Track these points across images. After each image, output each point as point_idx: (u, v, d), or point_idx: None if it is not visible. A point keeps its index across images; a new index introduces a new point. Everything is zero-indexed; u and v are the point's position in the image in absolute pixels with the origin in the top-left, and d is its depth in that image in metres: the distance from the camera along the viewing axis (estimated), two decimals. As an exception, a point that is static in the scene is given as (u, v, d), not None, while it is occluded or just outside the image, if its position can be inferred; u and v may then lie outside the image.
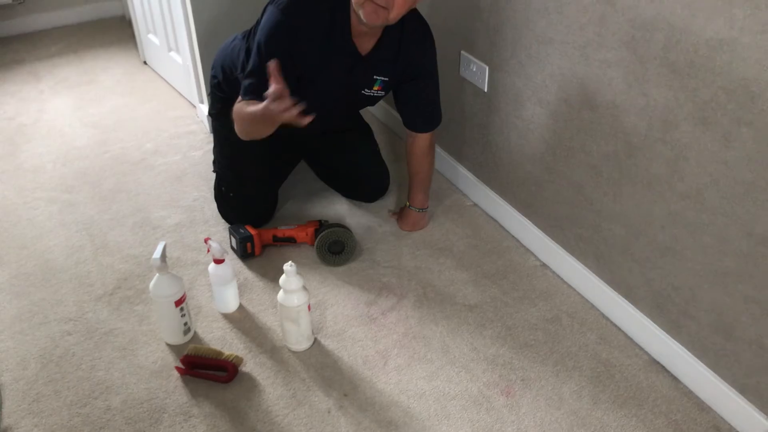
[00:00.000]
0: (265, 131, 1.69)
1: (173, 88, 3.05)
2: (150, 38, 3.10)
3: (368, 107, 2.22)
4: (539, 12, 1.75)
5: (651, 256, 1.64)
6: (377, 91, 1.95)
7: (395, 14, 1.68)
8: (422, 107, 2.01)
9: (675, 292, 1.61)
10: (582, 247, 1.87)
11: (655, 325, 1.69)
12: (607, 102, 1.62)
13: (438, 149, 2.34)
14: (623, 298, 1.77)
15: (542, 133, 1.88)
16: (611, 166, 1.68)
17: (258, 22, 1.88)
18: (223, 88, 2.08)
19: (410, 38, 1.87)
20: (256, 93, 1.68)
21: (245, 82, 1.79)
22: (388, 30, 1.82)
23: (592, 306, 1.87)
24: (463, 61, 2.13)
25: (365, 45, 1.83)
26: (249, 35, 1.95)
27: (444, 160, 2.39)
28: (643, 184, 1.60)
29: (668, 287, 1.62)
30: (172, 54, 2.91)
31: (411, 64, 1.91)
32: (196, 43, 2.54)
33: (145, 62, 3.28)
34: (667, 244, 1.58)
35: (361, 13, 1.69)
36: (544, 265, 2.02)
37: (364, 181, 2.28)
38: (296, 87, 1.81)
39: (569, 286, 1.94)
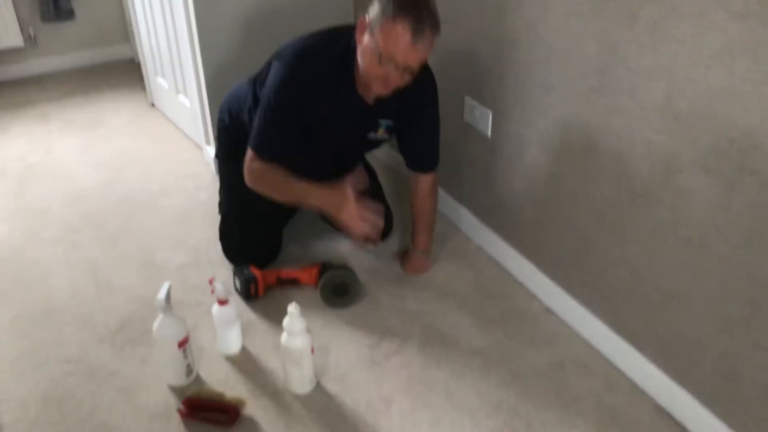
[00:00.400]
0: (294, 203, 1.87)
1: (180, 130, 3.09)
2: (158, 81, 3.15)
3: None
4: (542, 60, 1.78)
5: (656, 302, 1.64)
6: (383, 135, 1.98)
7: (404, 86, 1.76)
8: (425, 148, 2.04)
9: (681, 338, 1.60)
10: (586, 291, 1.87)
11: (660, 371, 1.68)
12: (610, 148, 1.64)
13: (441, 192, 2.35)
14: (628, 344, 1.76)
15: (545, 177, 1.90)
16: (615, 211, 1.69)
17: (264, 71, 1.93)
18: (230, 131, 2.12)
19: (414, 83, 1.90)
20: (273, 150, 1.85)
21: (259, 139, 1.85)
22: None
23: (597, 351, 1.86)
24: (467, 106, 2.16)
25: (370, 95, 1.87)
26: (256, 82, 1.99)
27: (447, 203, 2.41)
28: (646, 229, 1.61)
29: (674, 333, 1.61)
30: (180, 97, 2.95)
31: (414, 107, 1.94)
32: (204, 87, 2.59)
33: (152, 104, 3.33)
34: (672, 290, 1.58)
35: (370, 84, 1.76)
36: (548, 309, 2.01)
37: (368, 222, 2.28)
38: (307, 136, 1.86)
39: (574, 330, 1.93)
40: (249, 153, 1.90)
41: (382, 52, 1.65)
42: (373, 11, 1.68)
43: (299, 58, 1.80)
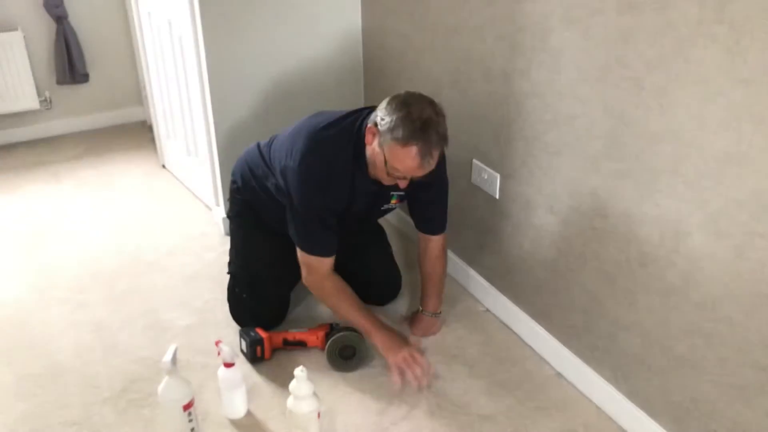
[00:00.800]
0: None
1: (190, 191, 3.12)
2: (170, 143, 3.20)
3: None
4: (549, 124, 1.81)
5: (669, 367, 1.61)
6: (394, 204, 2.03)
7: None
8: (434, 211, 2.05)
9: (695, 405, 1.57)
10: (598, 356, 1.84)
11: (675, 439, 1.64)
12: (619, 211, 1.65)
13: (450, 254, 2.35)
14: (641, 411, 1.72)
15: (554, 240, 1.90)
16: (625, 274, 1.68)
17: (274, 142, 2.02)
18: (243, 193, 2.15)
19: None
20: (324, 249, 1.93)
21: (306, 242, 1.94)
22: None
23: (609, 418, 1.82)
24: (474, 169, 2.18)
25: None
26: (265, 149, 2.07)
27: (456, 265, 2.40)
28: (658, 293, 1.59)
29: (687, 400, 1.58)
30: (191, 158, 2.99)
31: (425, 176, 1.96)
32: (215, 149, 2.62)
33: (163, 166, 3.37)
34: (685, 355, 1.56)
35: (381, 179, 1.83)
36: (559, 374, 1.98)
37: (376, 283, 2.28)
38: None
39: (585, 397, 1.89)
40: (301, 253, 1.96)
41: (389, 169, 1.74)
42: (383, 124, 1.71)
43: (314, 155, 1.84)
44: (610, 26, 1.54)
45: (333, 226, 1.92)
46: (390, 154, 1.71)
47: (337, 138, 1.86)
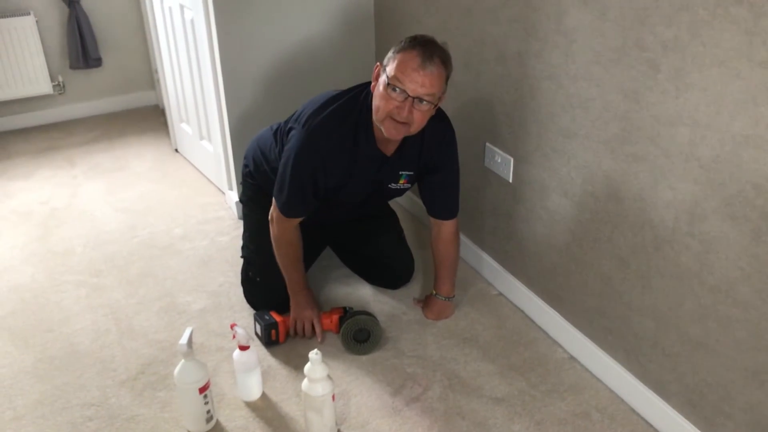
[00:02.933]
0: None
1: (203, 175, 3.13)
2: (182, 127, 3.20)
3: (394, 196, 2.26)
4: (564, 107, 1.80)
5: (682, 351, 1.61)
6: (403, 184, 2.00)
7: (415, 128, 1.78)
8: (445, 195, 2.05)
9: (708, 389, 1.57)
10: (611, 340, 1.84)
11: (688, 422, 1.64)
12: (634, 195, 1.64)
13: (463, 238, 2.35)
14: (654, 394, 1.73)
15: (568, 224, 1.89)
16: (639, 258, 1.67)
17: (287, 125, 1.97)
18: (255, 177, 2.16)
19: (432, 134, 1.92)
20: (293, 212, 1.94)
21: (281, 200, 1.93)
22: None
23: (622, 401, 1.82)
24: (488, 152, 2.17)
25: (390, 148, 1.91)
26: (278, 133, 2.04)
27: (469, 249, 2.40)
28: (672, 276, 1.59)
29: (701, 383, 1.58)
30: (204, 142, 2.99)
31: (434, 158, 1.96)
32: (228, 133, 2.63)
33: (176, 150, 3.38)
34: (699, 339, 1.56)
35: (382, 128, 1.78)
36: (572, 357, 1.98)
37: (389, 267, 2.29)
38: (325, 194, 1.91)
39: (598, 379, 1.90)
40: (273, 205, 1.97)
41: (391, 79, 1.70)
42: (388, 54, 1.75)
43: (320, 126, 1.85)
44: (626, 7, 1.53)
45: (311, 199, 1.93)
46: (392, 66, 1.71)
47: (348, 109, 1.86)
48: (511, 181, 2.09)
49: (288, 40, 2.56)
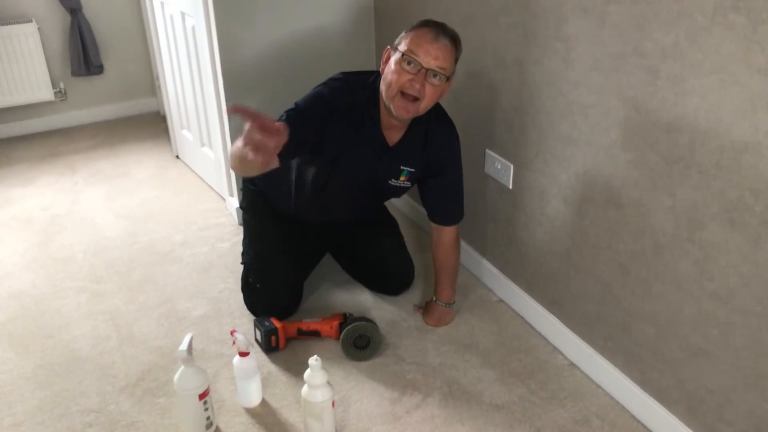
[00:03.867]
0: (250, 166, 1.61)
1: (204, 181, 3.13)
2: (183, 134, 3.21)
3: (393, 200, 2.26)
4: (563, 114, 1.80)
5: (682, 357, 1.61)
6: (403, 182, 1.99)
7: (425, 105, 1.78)
8: (447, 201, 2.05)
9: (709, 395, 1.56)
10: (611, 346, 1.84)
11: (688, 428, 1.64)
12: (633, 201, 1.64)
13: (463, 244, 2.35)
14: (655, 401, 1.72)
15: (568, 230, 1.90)
16: (639, 264, 1.67)
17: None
18: (255, 183, 2.16)
19: (436, 133, 1.93)
20: (290, 118, 1.79)
21: (288, 108, 1.87)
22: (415, 123, 1.89)
23: (623, 408, 1.82)
24: (487, 159, 2.17)
25: (393, 136, 1.91)
26: None
27: (469, 255, 2.40)
28: (672, 283, 1.59)
29: (701, 390, 1.58)
30: (205, 149, 3.00)
31: (437, 158, 1.96)
32: (228, 140, 2.63)
33: (177, 156, 3.39)
34: (699, 345, 1.56)
35: (391, 106, 1.78)
36: (572, 364, 1.98)
37: (389, 273, 2.29)
38: (320, 164, 1.89)
39: (598, 386, 1.89)
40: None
41: (405, 53, 1.73)
42: (398, 37, 1.79)
43: (340, 85, 1.88)
44: (625, 14, 1.53)
45: (313, 136, 1.84)
46: (405, 43, 1.75)
47: (366, 81, 1.90)
48: (511, 187, 2.10)
49: (288, 48, 2.57)
